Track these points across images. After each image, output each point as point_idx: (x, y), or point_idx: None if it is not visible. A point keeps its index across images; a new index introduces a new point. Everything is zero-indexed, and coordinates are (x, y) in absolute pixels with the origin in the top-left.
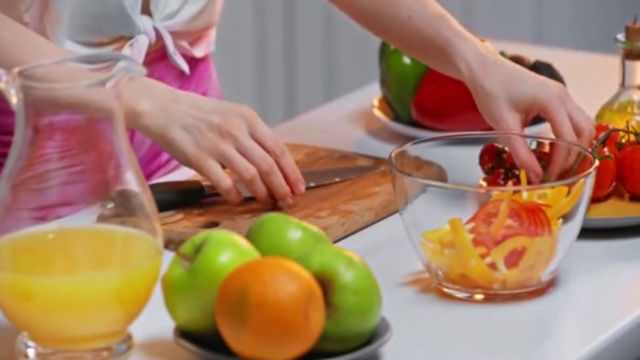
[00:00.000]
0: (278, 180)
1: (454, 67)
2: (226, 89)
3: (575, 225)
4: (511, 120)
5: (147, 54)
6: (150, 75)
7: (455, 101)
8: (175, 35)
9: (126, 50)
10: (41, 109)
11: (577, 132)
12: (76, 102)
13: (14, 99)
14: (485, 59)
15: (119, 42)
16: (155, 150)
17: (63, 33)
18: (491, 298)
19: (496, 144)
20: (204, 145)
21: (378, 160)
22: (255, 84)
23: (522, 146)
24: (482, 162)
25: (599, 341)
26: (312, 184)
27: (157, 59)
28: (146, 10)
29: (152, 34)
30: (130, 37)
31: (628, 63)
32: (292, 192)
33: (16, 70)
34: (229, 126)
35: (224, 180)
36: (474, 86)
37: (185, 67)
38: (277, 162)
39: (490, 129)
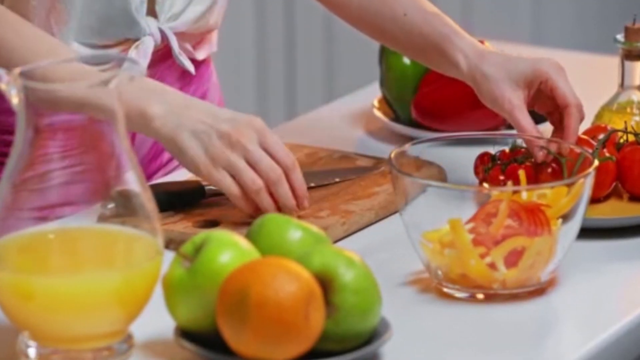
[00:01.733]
0: (284, 190)
1: (451, 62)
2: (227, 89)
3: (575, 225)
4: (514, 99)
5: (151, 55)
6: (152, 75)
7: (455, 101)
8: (180, 36)
9: (132, 52)
10: (42, 110)
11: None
12: (79, 102)
13: (15, 100)
14: (482, 50)
15: (124, 44)
16: (156, 151)
17: (70, 34)
18: (491, 298)
19: (489, 152)
20: (212, 153)
21: (378, 161)
22: (256, 84)
23: (525, 118)
24: (476, 171)
25: (598, 341)
26: (312, 184)
27: (160, 59)
28: (151, 11)
29: (158, 36)
30: (136, 39)
31: (627, 63)
32: (297, 205)
33: (17, 70)
34: (239, 135)
35: (233, 189)
36: (473, 75)
37: (191, 67)
38: (286, 175)
39: (490, 129)
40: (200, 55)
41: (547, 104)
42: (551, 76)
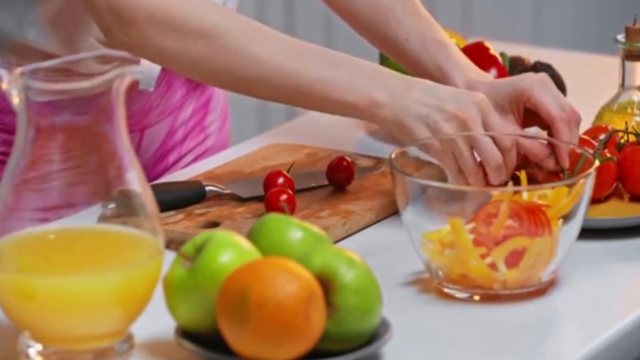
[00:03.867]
0: (500, 178)
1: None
2: None
3: (576, 225)
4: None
5: None
6: (160, 78)
7: None
8: None
9: None
10: (43, 110)
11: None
12: None
13: (16, 100)
14: (472, 81)
15: None
16: (162, 154)
17: (90, 28)
18: (491, 298)
19: None
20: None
21: (378, 161)
22: None
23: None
24: None
25: (599, 341)
26: (312, 184)
27: None
28: None
29: None
30: None
31: (628, 64)
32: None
33: (18, 70)
34: (464, 115)
35: (457, 171)
36: None
37: None
38: (503, 155)
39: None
40: None
41: (539, 120)
42: (533, 93)
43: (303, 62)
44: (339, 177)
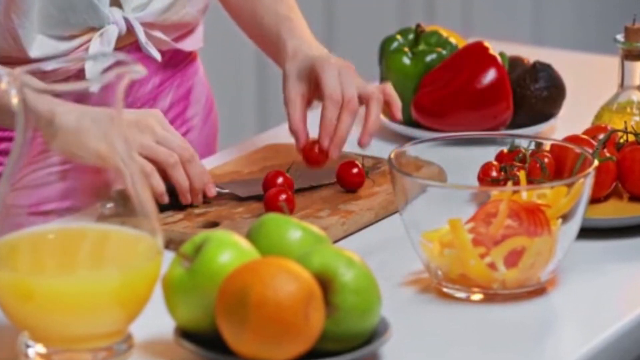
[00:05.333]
0: (198, 169)
1: (281, 59)
2: (226, 89)
3: (575, 225)
4: (291, 92)
5: (124, 46)
6: None
7: (455, 101)
8: (149, 26)
9: (96, 41)
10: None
11: (343, 101)
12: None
13: (14, 100)
14: (298, 50)
15: (89, 34)
16: None
17: (33, 27)
18: (491, 298)
19: (493, 163)
20: None
21: (378, 160)
22: (256, 84)
23: (293, 110)
24: (479, 178)
25: (598, 341)
26: (312, 184)
27: (133, 50)
28: (116, 1)
29: (123, 25)
30: (100, 28)
31: (627, 63)
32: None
33: (17, 70)
34: (145, 121)
35: (146, 166)
36: (283, 71)
37: (157, 55)
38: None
39: (490, 129)
40: (186, 46)
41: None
42: (322, 70)
43: None
44: (351, 180)
